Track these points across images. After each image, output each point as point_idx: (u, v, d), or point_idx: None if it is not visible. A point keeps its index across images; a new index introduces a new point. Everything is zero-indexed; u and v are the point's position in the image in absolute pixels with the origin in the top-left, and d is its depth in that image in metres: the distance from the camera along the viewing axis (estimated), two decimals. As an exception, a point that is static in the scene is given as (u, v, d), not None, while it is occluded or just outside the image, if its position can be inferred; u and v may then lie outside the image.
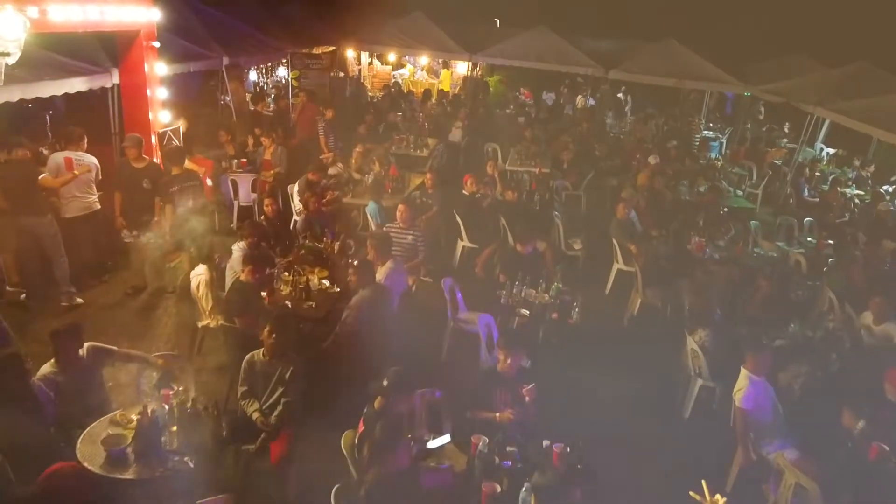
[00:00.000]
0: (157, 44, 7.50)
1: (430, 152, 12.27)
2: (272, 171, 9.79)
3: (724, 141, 16.77)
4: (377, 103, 16.17)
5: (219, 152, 9.61)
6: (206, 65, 9.93)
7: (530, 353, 5.70)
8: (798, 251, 9.22)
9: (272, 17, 13.46)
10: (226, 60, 10.37)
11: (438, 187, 9.16)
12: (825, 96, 12.04)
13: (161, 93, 7.71)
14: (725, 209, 10.00)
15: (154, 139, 7.46)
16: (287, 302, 5.79)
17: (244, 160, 9.83)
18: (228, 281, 6.06)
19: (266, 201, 7.30)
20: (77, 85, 7.05)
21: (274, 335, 4.35)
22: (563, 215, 9.52)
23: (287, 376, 4.43)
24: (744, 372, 5.01)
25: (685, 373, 6.37)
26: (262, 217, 7.28)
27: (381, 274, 6.14)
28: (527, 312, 6.16)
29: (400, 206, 7.26)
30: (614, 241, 8.38)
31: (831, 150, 15.13)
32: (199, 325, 5.82)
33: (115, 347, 4.44)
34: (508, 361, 4.50)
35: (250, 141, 10.06)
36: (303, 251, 6.77)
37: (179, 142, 7.76)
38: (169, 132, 7.52)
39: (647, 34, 17.40)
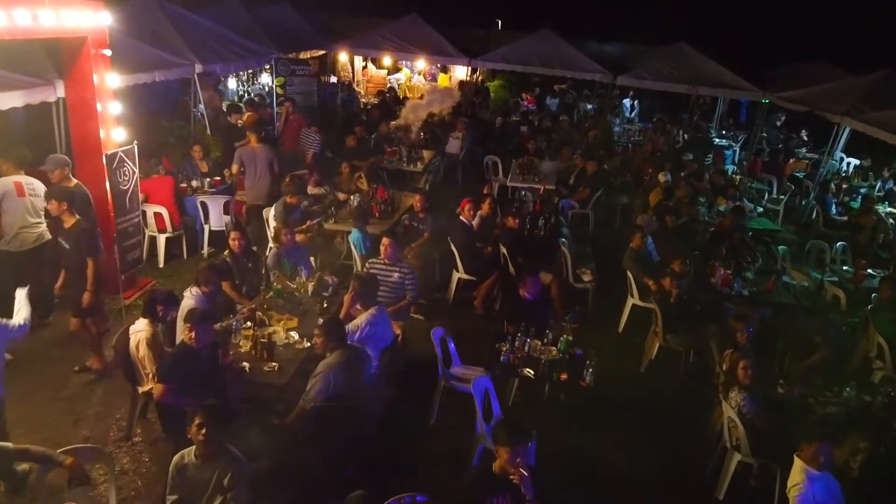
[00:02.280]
0: (108, 52, 6.55)
1: (426, 166, 11.31)
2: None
3: (738, 149, 15.84)
4: (370, 110, 15.25)
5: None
6: (176, 73, 8.97)
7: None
8: (830, 279, 8.27)
9: (254, 20, 12.55)
10: (199, 68, 9.42)
11: (430, 211, 8.22)
12: (852, 105, 11.12)
13: (114, 107, 6.75)
14: (750, 233, 9.02)
15: (105, 160, 6.49)
16: (245, 364, 4.84)
17: (217, 178, 8.89)
18: (180, 336, 5.11)
19: (232, 234, 6.34)
20: (10, 100, 6.11)
21: (205, 431, 3.40)
22: (571, 240, 8.56)
23: (226, 482, 3.48)
24: (799, 464, 4.06)
25: (715, 439, 5.45)
26: (227, 252, 6.31)
27: (360, 319, 5.18)
28: (531, 373, 5.20)
29: (384, 240, 6.30)
30: (629, 275, 7.42)
31: (854, 161, 14.16)
32: (141, 391, 4.87)
33: (9, 444, 3.48)
34: (517, 461, 3.52)
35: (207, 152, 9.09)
36: (270, 294, 5.83)
37: (134, 164, 6.80)
38: (120, 153, 6.56)
39: (657, 38, 16.55)
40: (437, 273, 8.05)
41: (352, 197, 8.49)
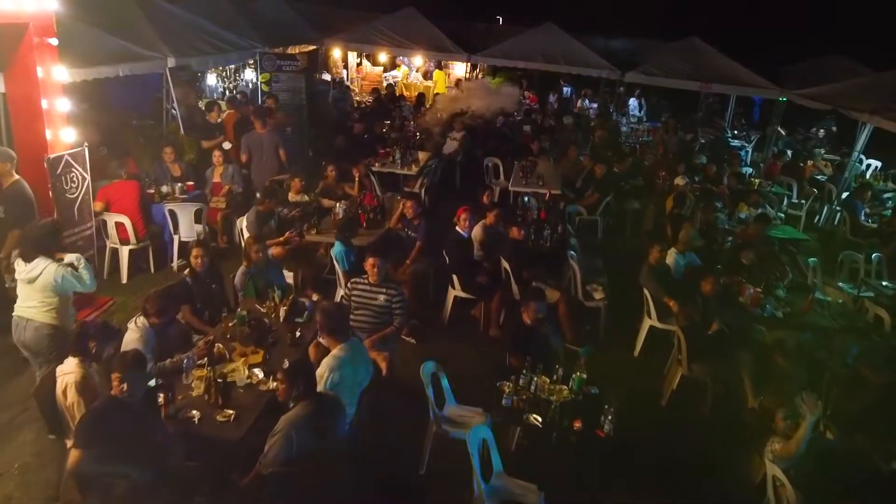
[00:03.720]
0: (54, 41, 5.74)
1: (421, 169, 10.47)
2: (223, 194, 8.06)
3: (750, 150, 15.00)
4: (364, 109, 14.42)
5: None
6: (144, 67, 8.13)
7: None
8: (866, 294, 7.43)
9: (238, 10, 11.72)
10: (171, 62, 8.58)
11: (424, 216, 7.40)
12: (881, 104, 10.28)
13: (62, 105, 5.93)
14: (776, 244, 8.19)
15: (47, 165, 5.66)
16: (194, 412, 4.01)
17: (191, 183, 8.06)
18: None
19: (194, 252, 5.51)
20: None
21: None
22: (580, 252, 7.72)
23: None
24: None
25: (756, 493, 4.64)
26: (188, 272, 5.48)
27: (322, 368, 4.25)
28: (539, 420, 4.37)
29: (370, 260, 5.44)
30: (646, 293, 6.59)
31: (875, 163, 13.30)
32: (69, 444, 4.03)
33: None
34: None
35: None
36: (234, 321, 5.00)
37: (85, 169, 5.97)
38: (66, 157, 5.74)
39: (667, 33, 15.74)
40: (432, 290, 7.23)
41: (337, 205, 7.67)
